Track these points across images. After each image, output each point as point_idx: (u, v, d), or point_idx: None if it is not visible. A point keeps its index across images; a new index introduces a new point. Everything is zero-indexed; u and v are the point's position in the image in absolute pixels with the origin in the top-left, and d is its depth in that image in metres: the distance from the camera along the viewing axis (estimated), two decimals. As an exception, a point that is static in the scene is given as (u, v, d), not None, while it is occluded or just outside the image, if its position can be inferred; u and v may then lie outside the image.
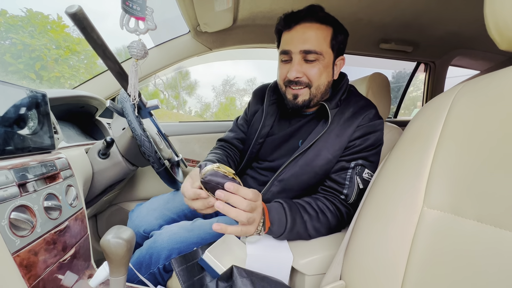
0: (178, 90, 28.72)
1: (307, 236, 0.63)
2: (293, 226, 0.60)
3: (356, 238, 0.54)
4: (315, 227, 0.63)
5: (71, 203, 0.59)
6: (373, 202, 0.52)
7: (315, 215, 0.63)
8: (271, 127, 0.82)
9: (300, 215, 0.62)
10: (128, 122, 0.73)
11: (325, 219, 0.64)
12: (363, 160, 0.68)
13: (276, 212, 0.59)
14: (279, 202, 0.62)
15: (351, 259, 0.53)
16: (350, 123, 0.69)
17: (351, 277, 0.52)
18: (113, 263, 0.50)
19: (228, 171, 0.52)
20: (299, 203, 0.65)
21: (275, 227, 0.58)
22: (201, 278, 0.61)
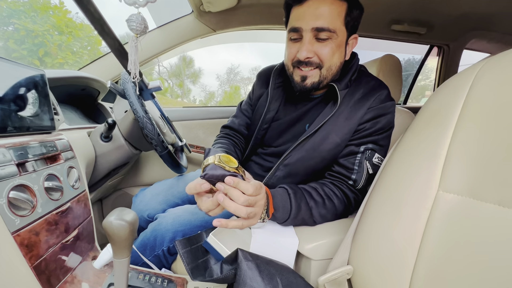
0: (182, 78, 28.53)
1: (312, 222, 0.62)
2: (297, 212, 0.58)
3: (365, 223, 0.52)
4: (321, 213, 0.61)
5: (73, 184, 0.58)
6: (384, 187, 0.50)
7: (321, 201, 0.61)
8: (276, 112, 0.79)
9: (306, 202, 0.60)
10: (130, 103, 0.71)
11: (331, 206, 0.62)
12: (373, 144, 0.65)
13: (281, 198, 0.57)
14: (284, 187, 0.60)
15: (360, 244, 0.52)
16: (361, 105, 0.66)
17: (359, 262, 0.51)
18: (116, 244, 0.49)
19: (231, 161, 0.50)
20: (305, 188, 0.63)
21: (279, 213, 0.57)
22: (205, 261, 0.60)
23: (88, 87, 0.92)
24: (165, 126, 0.96)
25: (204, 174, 0.48)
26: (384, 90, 0.67)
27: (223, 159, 0.49)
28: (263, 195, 0.51)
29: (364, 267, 0.49)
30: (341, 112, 0.66)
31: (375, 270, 0.47)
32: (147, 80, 0.74)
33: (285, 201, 0.57)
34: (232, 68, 31.35)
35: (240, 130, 0.88)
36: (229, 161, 0.49)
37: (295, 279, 0.53)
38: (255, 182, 0.50)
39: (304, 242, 0.57)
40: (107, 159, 0.82)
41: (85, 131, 0.80)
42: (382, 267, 0.45)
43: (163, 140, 0.73)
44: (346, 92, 0.68)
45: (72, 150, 0.63)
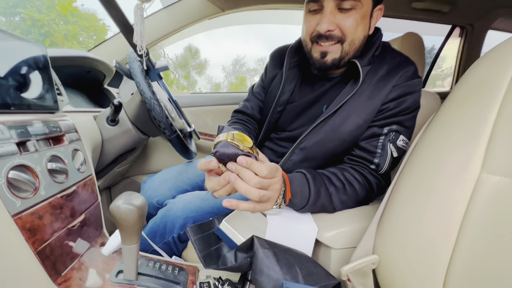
0: (188, 69, 28.43)
1: (332, 209, 0.58)
2: (317, 198, 0.54)
3: (392, 210, 0.47)
4: (341, 199, 0.57)
5: (78, 168, 0.55)
6: (413, 172, 0.45)
7: (341, 186, 0.57)
8: (291, 94, 0.73)
9: (325, 187, 0.56)
10: (136, 84, 0.67)
11: (352, 191, 0.58)
12: (397, 125, 0.60)
13: (299, 183, 0.53)
14: (302, 172, 0.56)
15: (386, 232, 0.47)
16: (385, 82, 0.60)
17: (385, 252, 0.47)
18: (124, 230, 0.47)
19: (245, 141, 0.45)
20: (324, 173, 0.58)
21: (297, 199, 0.53)
22: (218, 249, 0.57)
23: (93, 69, 0.88)
24: (173, 111, 0.92)
25: (214, 152, 0.43)
26: (411, 66, 0.61)
27: (237, 137, 0.44)
28: (279, 179, 0.47)
29: (391, 257, 0.45)
30: (363, 90, 0.61)
31: (403, 261, 0.42)
32: (154, 59, 0.70)
33: (303, 186, 0.53)
34: (238, 59, 30.98)
35: (253, 114, 0.84)
36: (243, 140, 0.45)
37: (315, 268, 0.49)
38: (270, 164, 0.45)
39: (323, 230, 0.53)
40: (113, 144, 0.78)
41: (91, 115, 0.77)
42: (411, 258, 0.41)
43: (172, 123, 0.70)
44: (368, 69, 0.62)
45: (77, 132, 0.60)
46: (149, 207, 0.80)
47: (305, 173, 0.56)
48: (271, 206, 0.48)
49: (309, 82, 0.72)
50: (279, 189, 0.47)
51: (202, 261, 0.50)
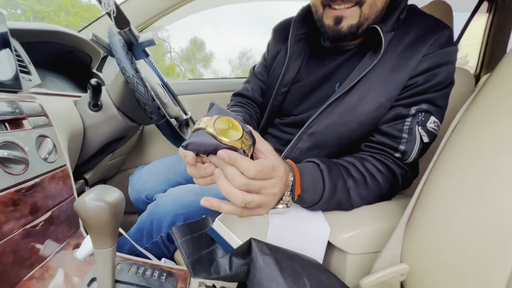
0: (193, 63, 28.33)
1: (350, 206, 0.48)
2: (332, 194, 0.44)
3: (426, 208, 0.37)
4: (361, 195, 0.47)
5: (45, 157, 0.47)
6: (456, 161, 0.35)
7: (361, 179, 0.47)
8: (297, 72, 0.63)
9: (343, 180, 0.46)
10: (117, 60, 0.57)
11: (375, 185, 0.47)
12: (428, 104, 0.49)
13: (311, 176, 0.43)
14: (314, 162, 0.46)
15: (419, 236, 0.37)
16: (413, 51, 0.49)
17: (418, 260, 0.37)
18: (93, 232, 0.38)
19: (233, 129, 0.33)
20: (341, 163, 0.48)
21: (308, 195, 0.43)
22: (211, 252, 0.48)
23: (76, 49, 0.79)
24: (166, 96, 0.83)
25: (186, 144, 0.33)
26: (445, 31, 0.49)
27: (219, 126, 0.32)
28: (278, 180, 0.35)
29: (425, 267, 0.35)
30: (385, 62, 0.50)
31: (442, 273, 0.33)
32: (137, 32, 0.60)
33: (316, 179, 0.43)
34: (244, 52, 30.64)
35: (254, 97, 0.74)
36: (226, 131, 0.33)
37: (328, 279, 0.40)
38: (262, 161, 0.33)
39: (337, 230, 0.44)
40: (97, 132, 0.70)
41: (71, 99, 0.68)
42: (454, 270, 0.31)
43: (159, 106, 0.60)
44: (392, 35, 0.51)
45: (47, 117, 0.52)
46: (138, 203, 0.72)
47: (319, 163, 0.45)
48: (265, 212, 0.38)
49: (319, 57, 0.61)
50: (276, 193, 0.36)
51: (190, 268, 0.41)
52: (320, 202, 0.44)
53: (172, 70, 27.24)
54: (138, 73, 0.58)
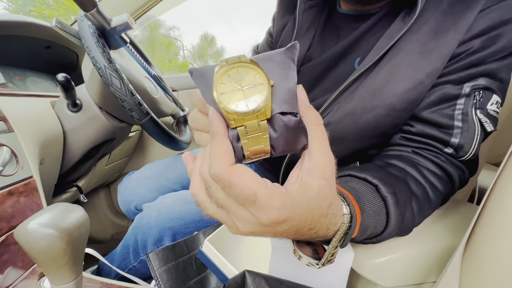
0: (206, 59, 28.58)
1: (407, 234, 0.34)
2: (397, 230, 0.31)
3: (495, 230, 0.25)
4: (424, 217, 0.34)
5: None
6: None
7: (425, 197, 0.34)
8: (308, 48, 0.50)
9: (410, 206, 0.32)
10: (87, 50, 0.48)
11: (437, 198, 0.35)
12: (487, 78, 0.35)
13: (372, 210, 0.29)
14: (370, 181, 0.31)
15: (483, 267, 0.25)
16: (463, 7, 0.35)
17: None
18: (43, 267, 0.29)
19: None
20: (398, 177, 0.34)
21: (362, 237, 0.29)
22: (202, 281, 0.39)
23: (55, 44, 0.71)
24: (157, 91, 0.73)
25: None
26: None
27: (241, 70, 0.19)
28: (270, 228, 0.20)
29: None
30: (424, 23, 0.37)
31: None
32: (108, 15, 0.50)
33: (377, 212, 0.29)
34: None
35: None
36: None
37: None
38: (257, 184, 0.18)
39: (364, 255, 0.33)
40: (80, 135, 0.62)
41: (47, 100, 0.61)
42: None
43: (140, 101, 0.51)
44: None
45: (5, 121, 0.44)
46: (129, 214, 0.64)
47: (377, 185, 0.31)
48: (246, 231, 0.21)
49: (334, 28, 0.48)
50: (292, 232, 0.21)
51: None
52: (374, 239, 0.31)
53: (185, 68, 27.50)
54: (112, 63, 0.48)
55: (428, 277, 0.31)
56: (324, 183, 0.20)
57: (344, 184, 0.31)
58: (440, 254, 0.31)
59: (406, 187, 0.33)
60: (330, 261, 0.25)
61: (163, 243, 0.48)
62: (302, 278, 0.32)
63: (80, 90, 0.61)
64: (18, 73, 0.69)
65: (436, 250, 0.32)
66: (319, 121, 0.21)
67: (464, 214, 0.38)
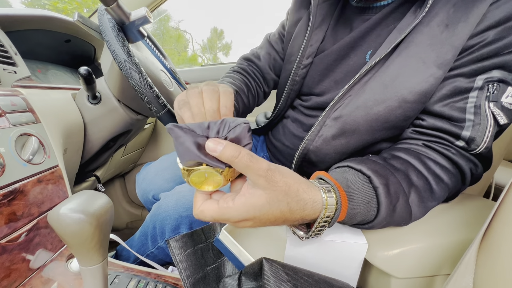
0: (215, 52, 28.52)
1: (407, 223, 0.35)
2: (389, 219, 0.32)
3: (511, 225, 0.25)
4: (426, 208, 0.35)
5: (28, 158, 0.41)
6: None
7: (426, 188, 0.35)
8: (322, 40, 0.51)
9: (405, 198, 0.33)
10: (107, 44, 0.50)
11: (442, 191, 0.35)
12: (501, 70, 0.35)
13: (362, 198, 0.31)
14: (363, 173, 0.34)
15: (500, 262, 0.26)
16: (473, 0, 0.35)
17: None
18: (74, 248, 0.31)
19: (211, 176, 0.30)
20: (397, 168, 0.35)
21: (354, 221, 0.32)
22: (219, 267, 0.40)
23: (74, 38, 0.74)
24: (172, 84, 0.75)
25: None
26: None
27: (194, 180, 0.30)
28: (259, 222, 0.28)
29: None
30: (435, 16, 0.37)
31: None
32: (128, 9, 0.51)
33: (368, 201, 0.31)
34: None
35: (265, 68, 0.63)
36: (203, 182, 0.30)
37: (366, 314, 0.30)
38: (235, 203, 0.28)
39: (378, 246, 0.33)
40: (99, 126, 0.64)
41: (69, 93, 0.63)
42: None
43: (158, 94, 0.52)
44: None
45: (33, 112, 0.46)
46: (147, 203, 0.66)
47: (370, 176, 0.33)
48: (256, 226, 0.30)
49: (347, 21, 0.49)
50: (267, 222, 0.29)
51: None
52: (366, 226, 0.33)
53: (195, 61, 27.58)
54: (131, 57, 0.50)
55: (442, 269, 0.31)
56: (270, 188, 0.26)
57: (340, 175, 0.34)
58: (454, 248, 0.31)
59: (405, 178, 0.34)
60: (317, 234, 0.31)
61: (180, 231, 0.50)
62: (316, 267, 0.33)
63: (99, 83, 0.63)
64: (40, 66, 0.72)
65: (450, 244, 0.32)
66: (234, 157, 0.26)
67: (479, 209, 0.38)
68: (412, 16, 0.38)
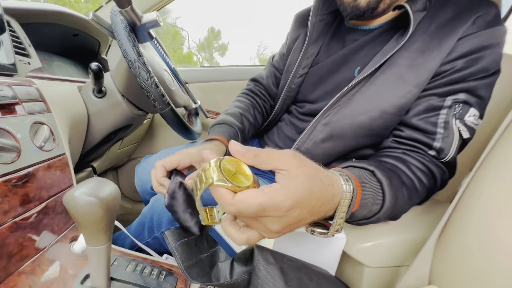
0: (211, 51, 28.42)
1: (397, 217, 0.40)
2: (391, 210, 0.36)
3: (464, 224, 0.31)
4: (413, 204, 0.40)
5: (40, 145, 0.44)
6: (502, 171, 0.28)
7: (413, 187, 0.40)
8: (316, 54, 0.58)
9: (401, 191, 0.37)
10: (119, 43, 0.53)
11: (423, 191, 0.41)
12: (466, 93, 0.41)
13: (371, 188, 0.34)
14: (367, 169, 0.37)
15: (452, 254, 0.31)
16: (448, 31, 0.41)
17: (450, 283, 0.31)
18: (84, 229, 0.35)
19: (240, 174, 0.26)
20: (391, 169, 0.40)
21: (363, 211, 0.34)
22: (213, 255, 0.44)
23: (82, 32, 0.76)
24: (173, 83, 0.79)
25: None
26: (491, 8, 0.41)
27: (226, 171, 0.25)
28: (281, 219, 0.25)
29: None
30: (414, 43, 0.43)
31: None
32: (140, 12, 0.55)
33: (375, 190, 0.35)
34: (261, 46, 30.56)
35: (268, 85, 0.71)
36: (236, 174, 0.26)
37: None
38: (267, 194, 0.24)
39: (354, 239, 0.39)
40: (102, 119, 0.67)
41: (75, 85, 0.66)
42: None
43: (163, 93, 0.56)
44: (423, 15, 0.44)
45: (45, 102, 0.49)
46: (144, 193, 0.69)
47: (374, 170, 0.36)
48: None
49: (340, 39, 0.56)
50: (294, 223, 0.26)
51: (186, 273, 0.37)
52: (373, 218, 0.36)
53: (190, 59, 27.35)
54: (141, 56, 0.53)
55: (406, 261, 0.37)
56: (303, 166, 0.26)
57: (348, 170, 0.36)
58: (417, 243, 0.37)
59: (398, 178, 0.39)
60: (337, 230, 0.30)
61: (176, 223, 0.54)
62: (300, 254, 0.38)
63: (105, 78, 0.67)
64: (45, 57, 0.74)
65: (414, 239, 0.37)
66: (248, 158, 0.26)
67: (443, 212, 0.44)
68: (395, 42, 0.45)
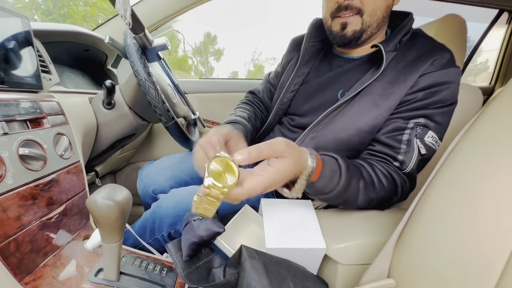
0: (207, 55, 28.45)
1: (355, 206, 0.51)
2: (345, 189, 0.46)
3: (417, 225, 0.39)
4: (368, 197, 0.49)
5: (61, 154, 0.50)
6: (451, 180, 0.36)
7: (371, 182, 0.49)
8: (307, 74, 0.67)
9: (357, 180, 0.47)
10: (131, 63, 0.60)
11: (380, 189, 0.49)
12: (425, 119, 0.51)
13: (330, 167, 0.44)
14: (333, 157, 0.47)
15: (407, 252, 0.39)
16: (412, 68, 0.52)
17: (404, 276, 0.38)
18: (102, 227, 0.41)
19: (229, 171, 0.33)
20: (354, 164, 0.49)
21: (322, 183, 0.44)
22: (210, 261, 0.50)
23: (92, 47, 0.83)
24: (175, 96, 0.86)
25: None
26: (446, 53, 0.52)
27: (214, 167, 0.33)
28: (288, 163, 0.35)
29: (412, 283, 0.37)
30: (386, 76, 0.53)
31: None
32: (151, 37, 0.62)
33: (334, 171, 0.44)
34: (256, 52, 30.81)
35: (263, 98, 0.80)
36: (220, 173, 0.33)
37: (313, 284, 0.42)
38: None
39: (331, 241, 0.46)
40: (110, 128, 0.74)
41: (86, 97, 0.72)
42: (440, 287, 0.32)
43: (169, 109, 0.63)
44: (394, 54, 0.55)
45: (64, 115, 0.55)
46: (145, 196, 0.75)
47: (337, 158, 0.47)
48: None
49: (328, 63, 0.66)
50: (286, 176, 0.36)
51: (186, 280, 0.43)
52: (330, 194, 0.45)
53: (185, 62, 27.34)
54: (150, 76, 0.60)
55: (372, 259, 0.44)
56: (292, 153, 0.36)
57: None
58: (383, 244, 0.44)
59: (358, 171, 0.48)
60: (300, 189, 0.41)
61: (176, 227, 0.60)
62: (287, 258, 0.45)
63: (115, 91, 0.73)
64: (57, 69, 0.80)
65: (380, 241, 0.45)
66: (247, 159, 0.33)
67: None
68: (371, 74, 0.54)
